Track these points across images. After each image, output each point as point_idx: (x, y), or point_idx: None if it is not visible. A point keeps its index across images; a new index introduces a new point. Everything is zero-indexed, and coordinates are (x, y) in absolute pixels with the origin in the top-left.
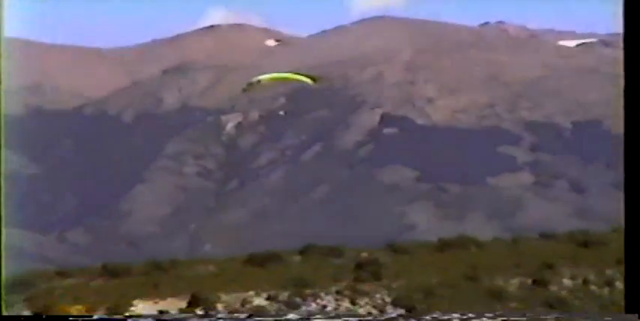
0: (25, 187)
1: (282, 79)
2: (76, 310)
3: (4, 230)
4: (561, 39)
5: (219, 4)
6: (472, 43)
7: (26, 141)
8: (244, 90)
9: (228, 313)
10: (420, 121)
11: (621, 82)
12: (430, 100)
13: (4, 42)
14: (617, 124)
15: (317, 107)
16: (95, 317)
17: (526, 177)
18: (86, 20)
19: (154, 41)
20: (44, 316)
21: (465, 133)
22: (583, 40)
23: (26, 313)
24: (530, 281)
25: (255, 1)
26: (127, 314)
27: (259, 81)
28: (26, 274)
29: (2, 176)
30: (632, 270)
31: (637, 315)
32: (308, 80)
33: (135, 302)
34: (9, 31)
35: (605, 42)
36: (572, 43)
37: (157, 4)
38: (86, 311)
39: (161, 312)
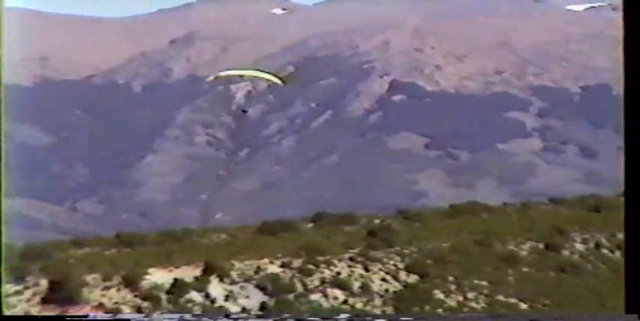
0: (36, 158)
1: (252, 77)
2: (92, 278)
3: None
4: (569, 3)
5: None
6: (479, 9)
7: (37, 112)
8: (209, 81)
9: (244, 280)
10: (428, 88)
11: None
12: (438, 67)
13: (11, 13)
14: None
15: (325, 75)
16: (94, 317)
17: (535, 142)
18: None
19: (161, 11)
20: (41, 316)
21: (473, 100)
22: (591, 4)
23: (43, 282)
24: (541, 246)
25: None
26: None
27: (227, 75)
28: (41, 244)
29: (2, 147)
30: (632, 270)
31: (637, 315)
32: (277, 81)
33: (150, 271)
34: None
35: (613, 6)
36: (580, 8)
37: None
38: (102, 280)
39: (176, 280)
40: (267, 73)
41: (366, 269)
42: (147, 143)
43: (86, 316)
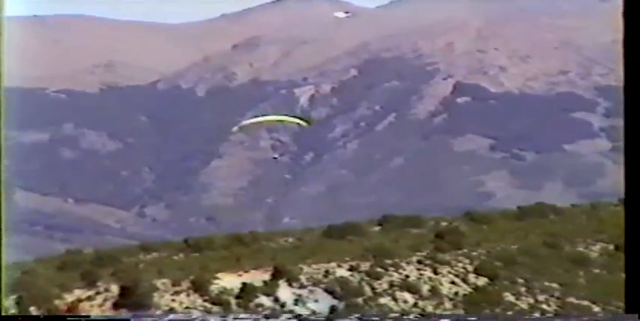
0: (104, 164)
1: (276, 122)
2: (161, 283)
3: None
4: None
5: None
6: (542, 10)
7: (103, 118)
8: (234, 131)
9: (313, 284)
10: (492, 89)
11: None
12: (502, 68)
13: (77, 22)
14: None
15: (389, 78)
16: (95, 317)
17: (603, 143)
18: None
19: (223, 16)
20: (42, 316)
21: (538, 100)
22: None
23: (114, 287)
24: (612, 247)
25: None
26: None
27: (252, 123)
28: (111, 249)
29: (2, 151)
30: (632, 270)
31: (637, 315)
32: (302, 122)
33: (219, 275)
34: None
35: None
36: None
37: None
38: (172, 285)
39: (245, 284)
40: (291, 116)
41: (435, 272)
42: (212, 148)
43: (87, 316)
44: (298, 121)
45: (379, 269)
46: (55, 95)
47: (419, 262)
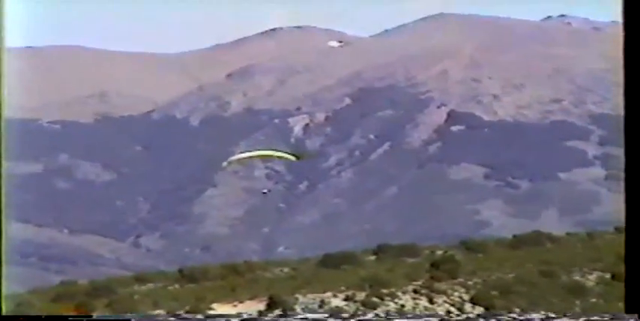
0: (98, 194)
1: (264, 157)
2: (156, 315)
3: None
4: None
5: (279, 6)
6: (535, 38)
7: (97, 148)
8: (224, 167)
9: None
10: (486, 118)
11: None
12: (496, 97)
13: (71, 52)
14: None
15: (383, 107)
16: (98, 317)
17: (597, 171)
18: (146, 27)
19: (217, 46)
20: (44, 316)
21: (532, 129)
22: None
23: (111, 317)
24: (608, 276)
25: (315, 2)
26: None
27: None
28: (106, 280)
29: (2, 179)
30: (632, 270)
31: (637, 315)
32: (291, 157)
33: (214, 306)
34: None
35: None
36: None
37: (217, 8)
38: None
39: (240, 314)
40: (280, 151)
41: (431, 301)
42: (207, 177)
43: (89, 316)
44: (287, 156)
45: (375, 299)
46: (49, 126)
47: (415, 291)
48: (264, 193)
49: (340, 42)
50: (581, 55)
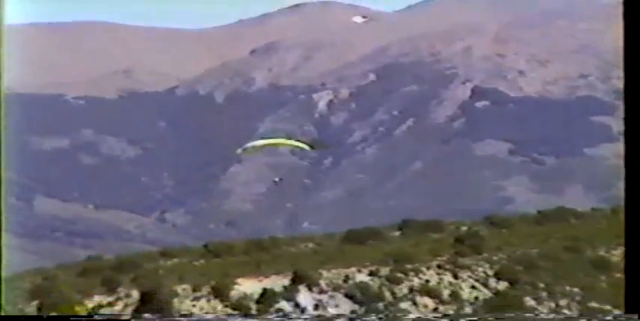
0: (124, 170)
1: (279, 145)
2: (182, 289)
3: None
4: None
5: None
6: (561, 13)
7: (122, 124)
8: (239, 153)
9: (333, 289)
10: (511, 94)
11: None
12: (521, 72)
13: (95, 27)
14: None
15: (407, 82)
16: (96, 317)
17: (623, 147)
18: (171, 3)
19: (241, 22)
20: (45, 316)
21: (558, 105)
22: None
23: (134, 293)
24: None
25: None
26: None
27: (254, 146)
28: (131, 255)
29: (2, 155)
30: (632, 270)
31: (637, 315)
32: (305, 147)
33: (239, 281)
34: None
35: None
36: None
37: None
38: (192, 290)
39: (265, 289)
40: (295, 140)
41: (455, 276)
42: (231, 153)
43: (90, 316)
44: (302, 145)
45: (399, 274)
46: (75, 101)
47: (439, 266)
48: (275, 182)
49: (364, 17)
50: (607, 30)
